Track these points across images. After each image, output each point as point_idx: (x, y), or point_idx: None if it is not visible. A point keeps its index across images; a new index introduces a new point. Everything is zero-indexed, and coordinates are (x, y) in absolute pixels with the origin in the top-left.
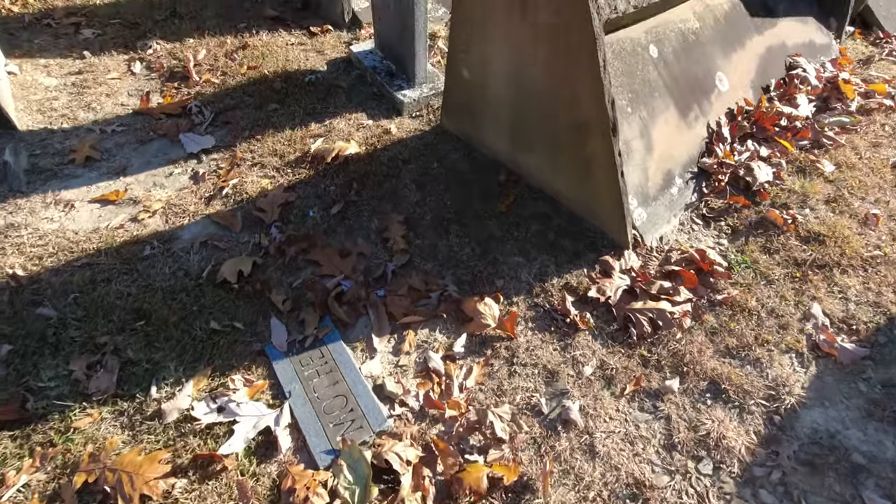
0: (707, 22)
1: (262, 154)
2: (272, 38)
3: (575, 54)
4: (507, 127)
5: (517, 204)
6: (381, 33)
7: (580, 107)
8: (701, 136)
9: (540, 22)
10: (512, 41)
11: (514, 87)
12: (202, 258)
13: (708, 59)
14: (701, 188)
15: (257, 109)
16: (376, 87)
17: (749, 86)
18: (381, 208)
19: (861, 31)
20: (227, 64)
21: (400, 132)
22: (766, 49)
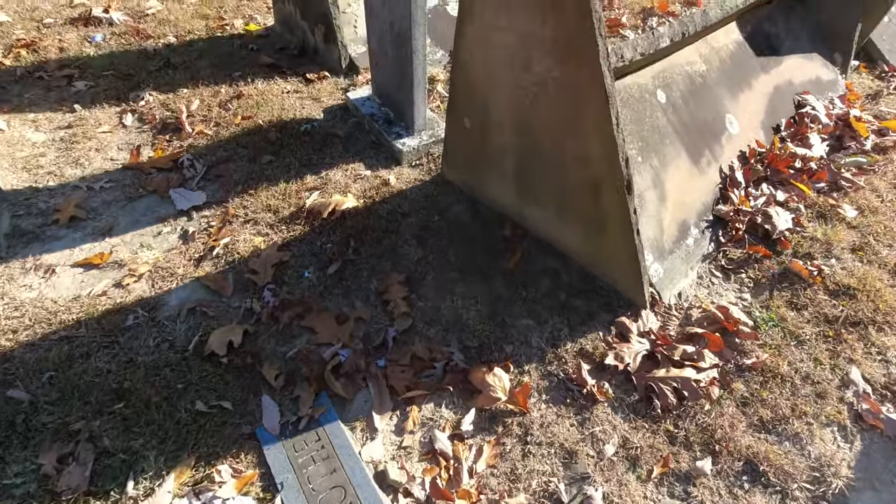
0: (713, 64)
1: (255, 210)
2: (268, 87)
3: (584, 110)
4: (512, 179)
5: (525, 260)
6: (379, 80)
7: (591, 164)
8: (714, 181)
9: (545, 75)
10: (516, 92)
11: (519, 138)
12: (189, 327)
13: (716, 101)
14: (718, 237)
15: (251, 162)
16: (374, 135)
17: (759, 127)
18: (381, 267)
19: (866, 65)
20: (220, 114)
21: (399, 183)
22: (773, 88)
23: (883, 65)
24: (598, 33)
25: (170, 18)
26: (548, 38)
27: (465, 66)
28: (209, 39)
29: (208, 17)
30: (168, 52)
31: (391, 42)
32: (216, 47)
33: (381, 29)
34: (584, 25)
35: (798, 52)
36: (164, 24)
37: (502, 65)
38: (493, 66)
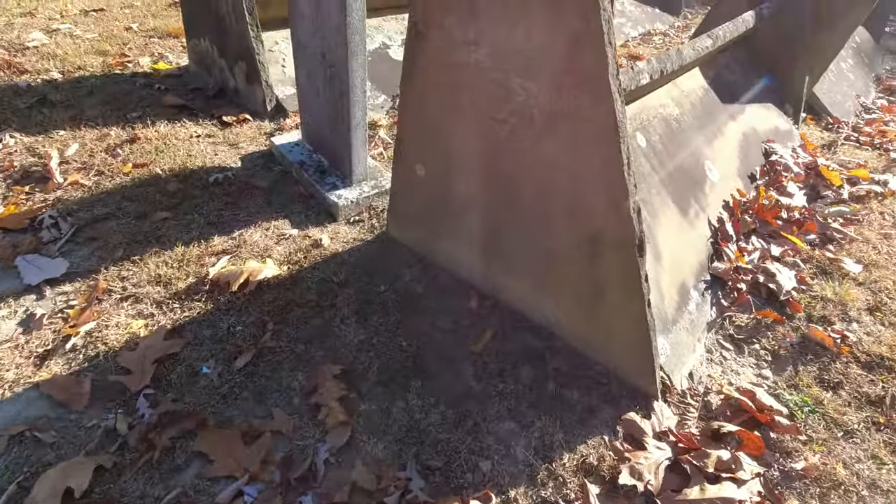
0: (685, 108)
1: (138, 282)
2: (172, 130)
3: (583, 147)
4: (478, 237)
5: (498, 341)
6: (310, 122)
7: (589, 216)
8: (704, 235)
9: (528, 103)
10: (487, 127)
11: (489, 186)
12: (7, 466)
13: (693, 146)
14: (719, 300)
15: (140, 219)
16: (304, 186)
17: (737, 174)
18: (309, 356)
19: (812, 118)
20: (106, 161)
21: (335, 244)
22: (742, 135)
23: (827, 117)
24: (608, 41)
25: (56, 53)
26: (534, 55)
27: (418, 98)
28: (105, 77)
29: (107, 54)
30: (47, 89)
31: (323, 77)
32: (111, 85)
33: (312, 62)
34: (590, 28)
35: (756, 101)
36: (49, 59)
37: (469, 93)
38: (456, 96)
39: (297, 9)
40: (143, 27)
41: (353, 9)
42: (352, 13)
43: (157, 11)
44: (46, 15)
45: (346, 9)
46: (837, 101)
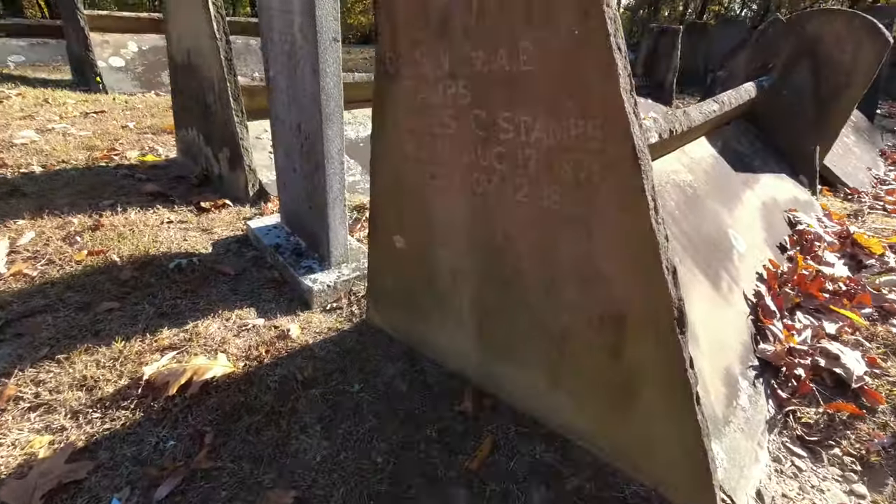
0: (698, 175)
1: (56, 387)
2: (142, 217)
3: (592, 189)
4: (471, 319)
5: (500, 451)
6: (287, 202)
7: (608, 281)
8: (742, 311)
9: (521, 142)
10: (472, 179)
11: (479, 253)
12: None
13: (714, 214)
14: (775, 391)
15: (81, 311)
16: (278, 270)
17: (765, 244)
18: (255, 480)
19: (828, 189)
20: (60, 250)
21: (305, 335)
22: (762, 204)
23: (843, 188)
24: (615, 45)
25: (43, 149)
26: (523, 78)
27: (391, 150)
28: (87, 169)
29: (95, 149)
30: (22, 181)
31: (300, 150)
32: (91, 177)
33: (289, 137)
34: (590, 27)
35: (768, 171)
36: (33, 155)
37: (448, 140)
38: (433, 145)
39: (274, 82)
40: (139, 125)
41: (328, 73)
42: (326, 77)
43: (157, 112)
44: (46, 117)
45: (320, 73)
46: (850, 172)
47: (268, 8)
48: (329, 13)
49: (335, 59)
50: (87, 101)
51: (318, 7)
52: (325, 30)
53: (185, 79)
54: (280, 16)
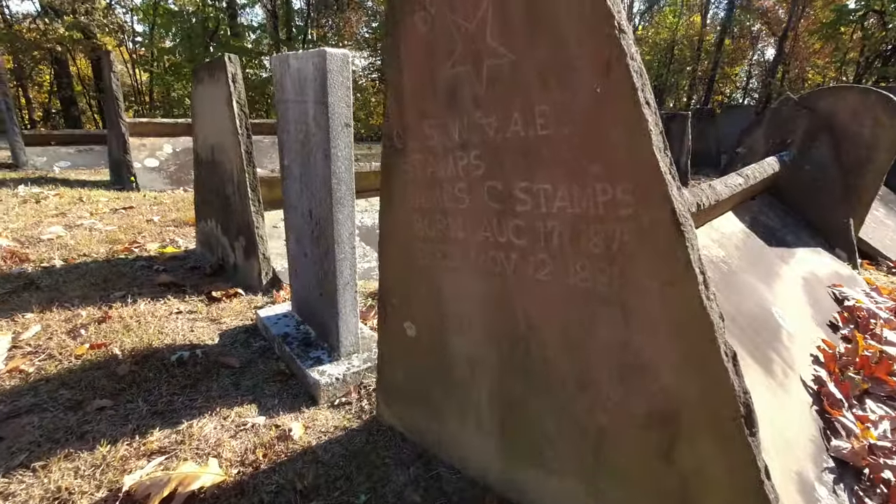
0: (730, 250)
1: (26, 500)
2: (151, 307)
3: (628, 264)
4: (492, 418)
5: None
6: (298, 289)
7: (652, 372)
8: (803, 400)
9: (545, 217)
10: (489, 261)
11: (498, 340)
12: None
13: (753, 291)
14: (861, 500)
15: (70, 411)
16: (285, 362)
17: (813, 322)
18: None
19: (869, 262)
20: (62, 344)
21: (309, 435)
22: (802, 280)
23: (885, 261)
24: (644, 100)
25: (67, 244)
26: (540, 144)
27: (400, 231)
28: (105, 262)
29: (117, 242)
30: (40, 275)
31: (310, 235)
32: (108, 269)
33: (300, 222)
34: (613, 81)
35: (802, 245)
36: (56, 249)
37: (461, 216)
38: (444, 222)
39: (288, 170)
40: (164, 219)
41: (339, 157)
42: (337, 161)
43: (183, 207)
44: (77, 214)
45: (331, 157)
46: (889, 244)
47: (284, 100)
48: (341, 100)
49: (346, 144)
50: (118, 198)
51: (331, 94)
52: (337, 115)
53: (208, 174)
54: (295, 106)
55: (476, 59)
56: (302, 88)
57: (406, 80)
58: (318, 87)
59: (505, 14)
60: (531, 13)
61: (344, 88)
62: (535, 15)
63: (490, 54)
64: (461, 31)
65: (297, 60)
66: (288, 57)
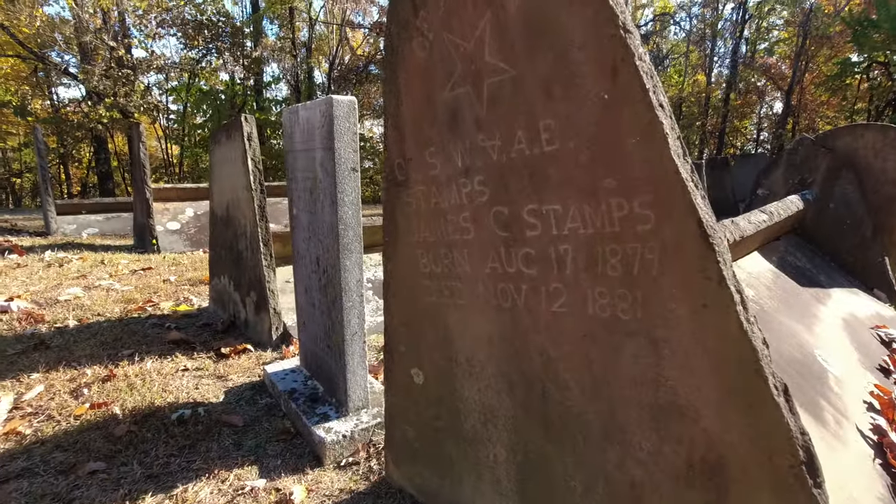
0: (760, 290)
1: None
2: (159, 365)
3: (653, 287)
4: (509, 476)
5: None
6: (307, 342)
7: (693, 417)
8: (863, 453)
9: (557, 240)
10: (499, 294)
11: (515, 388)
12: None
13: (791, 333)
14: None
15: (61, 475)
16: (291, 419)
17: (861, 366)
18: None
19: None
20: (63, 404)
21: (311, 499)
22: (842, 321)
23: None
24: (657, 103)
25: (84, 304)
26: (547, 161)
27: (405, 269)
28: (118, 321)
29: (132, 301)
30: (52, 335)
31: (318, 284)
32: (120, 328)
33: (308, 272)
34: (620, 85)
35: (837, 286)
36: (73, 310)
37: (466, 247)
38: (450, 256)
39: (297, 220)
40: (180, 279)
41: (346, 202)
42: (344, 206)
43: (200, 266)
44: (97, 276)
45: (338, 203)
46: None
47: (292, 150)
48: (348, 145)
49: (353, 188)
50: (139, 260)
51: (338, 139)
52: (343, 161)
53: (222, 230)
54: (303, 154)
55: (476, 79)
56: (310, 136)
57: (405, 108)
58: (325, 134)
59: (503, 28)
60: (530, 23)
61: (350, 134)
62: (534, 25)
63: (490, 72)
64: (459, 51)
65: (306, 110)
66: (298, 108)
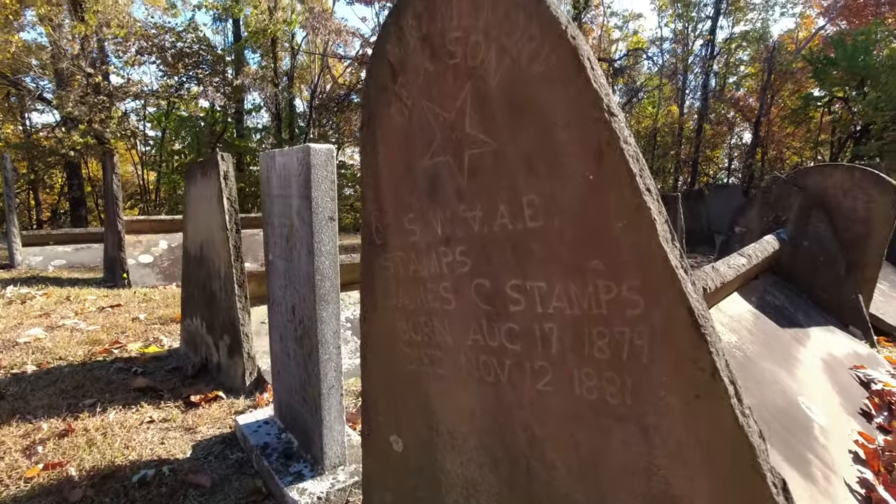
0: (742, 334)
1: None
2: (122, 417)
3: (644, 374)
4: None
5: None
6: (281, 392)
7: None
8: None
9: (541, 318)
10: (481, 368)
11: (499, 465)
12: None
13: (774, 380)
14: None
15: None
16: (263, 478)
17: (843, 411)
18: None
19: (886, 339)
20: (13, 465)
21: None
22: (822, 363)
23: None
24: (643, 186)
25: (45, 346)
26: (530, 236)
27: (383, 337)
28: (81, 365)
29: (98, 343)
30: (8, 383)
31: (293, 334)
32: (83, 373)
33: (283, 320)
34: (606, 169)
35: (814, 324)
36: (32, 353)
37: (447, 317)
38: (430, 324)
39: (273, 266)
40: (150, 317)
41: (323, 252)
42: (321, 256)
43: (172, 303)
44: (61, 314)
45: (315, 253)
46: None
47: (269, 195)
48: (325, 193)
49: (331, 238)
50: (107, 296)
51: (315, 188)
52: (320, 210)
53: (196, 269)
54: (280, 200)
55: (456, 149)
56: (287, 183)
57: (383, 172)
58: (302, 182)
59: (484, 101)
60: (511, 98)
61: (328, 183)
62: (515, 100)
63: (471, 143)
64: (439, 120)
65: (283, 156)
66: (275, 153)
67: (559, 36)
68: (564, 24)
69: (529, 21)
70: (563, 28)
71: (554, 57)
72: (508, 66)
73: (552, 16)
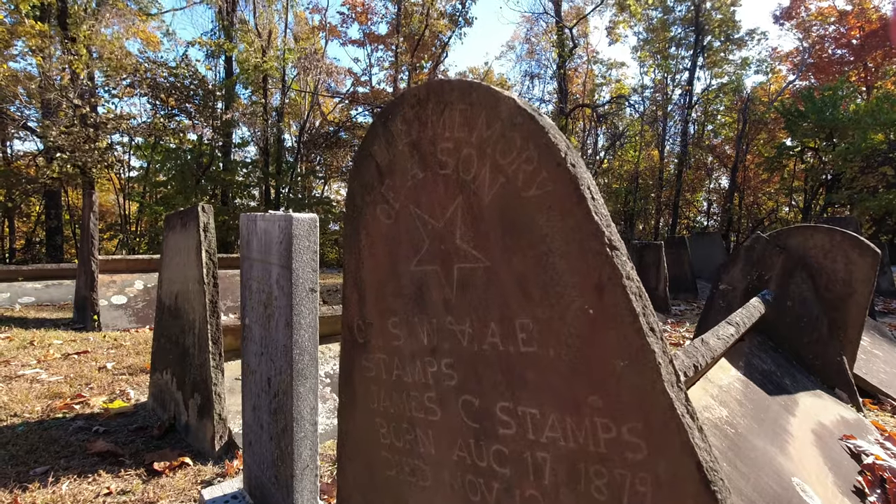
0: (732, 407)
1: None
2: (76, 488)
3: None
4: None
5: None
6: (252, 466)
7: None
8: None
9: (533, 446)
10: (472, 492)
11: None
12: None
13: (767, 459)
14: None
15: None
16: None
17: (838, 490)
18: None
19: (871, 402)
20: None
21: None
22: (813, 434)
23: (888, 399)
24: (647, 326)
25: (0, 400)
26: (522, 361)
27: (362, 435)
28: (37, 423)
29: (59, 396)
30: None
31: (268, 406)
32: (38, 433)
33: (258, 390)
34: (607, 305)
35: (801, 388)
36: None
37: (431, 428)
38: (412, 433)
39: (249, 330)
40: (118, 366)
41: (302, 325)
42: (300, 330)
43: (143, 349)
44: (23, 361)
45: (293, 326)
46: (885, 379)
47: (248, 257)
48: (307, 264)
49: (311, 310)
50: (74, 340)
51: (296, 259)
52: (301, 281)
53: (169, 321)
54: (259, 265)
55: (445, 260)
56: (267, 249)
57: (367, 272)
58: (282, 251)
59: (476, 216)
60: (506, 218)
61: (310, 253)
62: (511, 222)
63: (461, 257)
64: (428, 227)
65: (265, 221)
66: (256, 217)
67: (558, 164)
68: (564, 150)
69: (526, 143)
70: (562, 155)
71: (551, 185)
72: (503, 185)
73: (551, 142)
